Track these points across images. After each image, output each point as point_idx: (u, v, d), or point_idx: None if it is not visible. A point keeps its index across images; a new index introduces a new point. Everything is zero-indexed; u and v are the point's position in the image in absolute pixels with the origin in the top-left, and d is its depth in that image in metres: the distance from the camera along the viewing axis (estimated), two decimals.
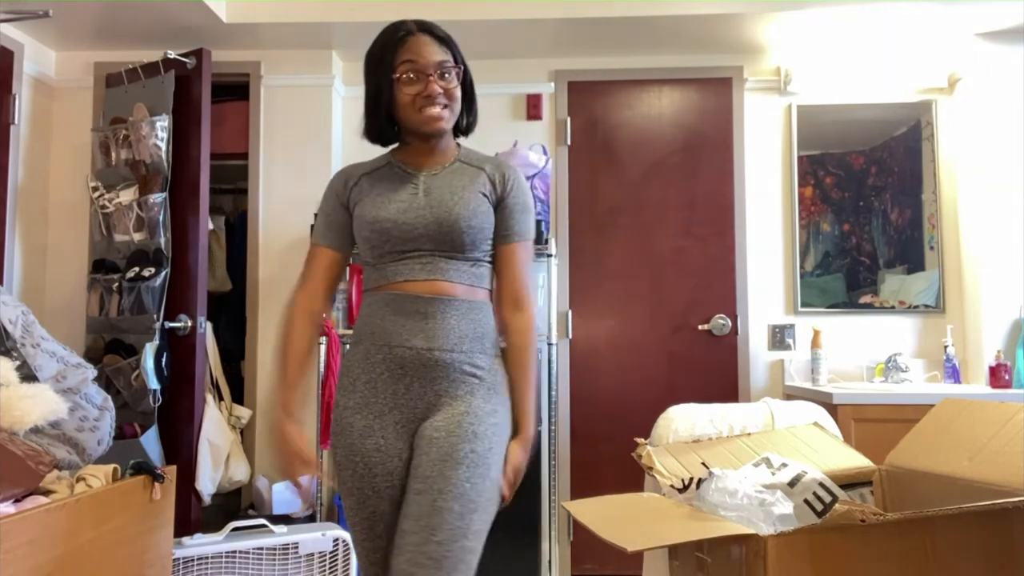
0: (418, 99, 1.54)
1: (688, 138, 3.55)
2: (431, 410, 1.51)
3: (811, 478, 1.69)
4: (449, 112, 1.57)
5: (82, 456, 2.11)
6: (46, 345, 2.25)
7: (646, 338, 3.49)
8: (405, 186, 1.59)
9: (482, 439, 1.46)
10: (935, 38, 3.32)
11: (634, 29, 3.26)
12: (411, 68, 1.54)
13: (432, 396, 1.51)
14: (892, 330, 3.42)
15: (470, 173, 1.61)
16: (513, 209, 1.61)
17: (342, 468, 1.54)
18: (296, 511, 3.13)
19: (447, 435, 1.45)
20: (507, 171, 1.63)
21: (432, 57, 1.54)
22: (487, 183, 1.60)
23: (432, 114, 1.54)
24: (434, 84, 1.53)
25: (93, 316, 3.22)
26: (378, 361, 1.53)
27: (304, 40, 3.37)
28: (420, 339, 1.50)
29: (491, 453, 1.46)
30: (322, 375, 3.12)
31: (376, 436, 1.51)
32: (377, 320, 1.55)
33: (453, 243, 1.54)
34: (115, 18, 3.15)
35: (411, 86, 1.54)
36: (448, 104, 1.56)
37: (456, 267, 1.55)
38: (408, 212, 1.54)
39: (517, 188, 1.62)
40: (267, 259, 3.45)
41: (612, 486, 1.87)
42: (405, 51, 1.54)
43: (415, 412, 1.52)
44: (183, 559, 2.41)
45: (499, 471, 1.49)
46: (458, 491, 1.40)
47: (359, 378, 1.54)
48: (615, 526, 1.44)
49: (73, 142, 3.46)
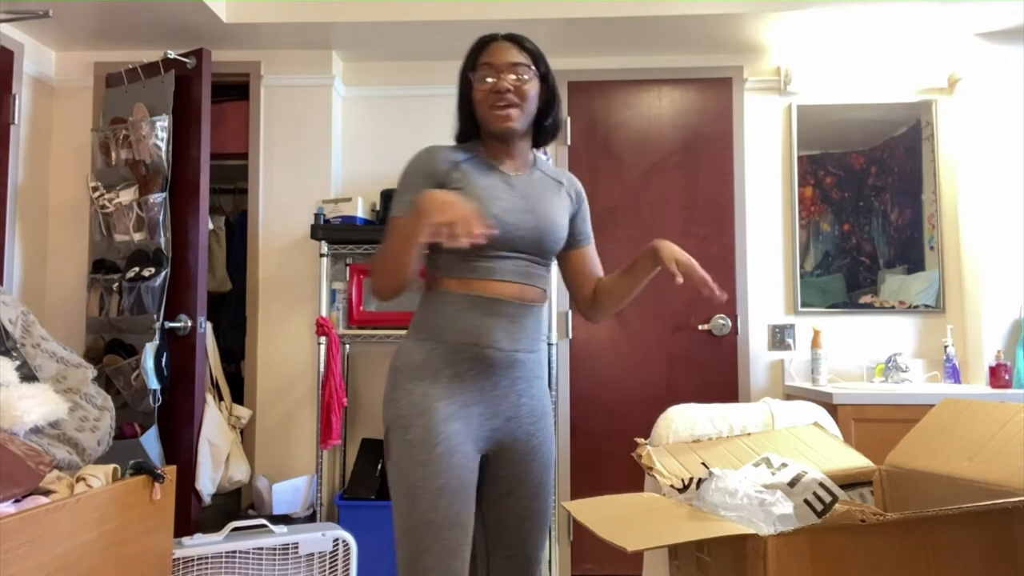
0: (490, 95, 1.61)
1: (688, 138, 3.55)
2: (513, 409, 1.64)
3: (811, 478, 1.69)
4: (519, 112, 1.63)
5: (82, 456, 2.11)
6: (46, 345, 2.25)
7: (646, 338, 3.49)
8: (500, 184, 1.65)
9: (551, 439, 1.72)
10: (935, 38, 3.32)
11: (634, 29, 3.26)
12: (487, 68, 1.63)
13: (514, 396, 1.64)
14: (892, 330, 3.42)
15: (553, 186, 1.73)
16: (585, 217, 1.82)
17: (415, 445, 1.52)
18: (296, 511, 3.13)
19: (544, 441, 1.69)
20: (578, 186, 1.82)
21: (508, 58, 1.63)
22: (567, 197, 1.76)
23: (501, 113, 1.61)
24: (504, 81, 1.60)
25: (93, 316, 3.22)
26: (465, 359, 1.58)
27: (304, 40, 3.37)
28: (506, 341, 1.60)
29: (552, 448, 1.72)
30: (322, 375, 3.12)
31: (460, 421, 1.57)
32: (464, 318, 1.59)
33: (546, 250, 1.66)
34: (115, 18, 3.15)
35: (484, 84, 1.62)
36: (519, 104, 1.62)
37: (541, 273, 1.68)
38: (511, 213, 1.60)
39: (585, 200, 1.83)
40: (267, 259, 3.45)
41: (612, 486, 1.87)
42: (487, 54, 1.64)
43: (500, 408, 1.62)
44: (183, 559, 2.41)
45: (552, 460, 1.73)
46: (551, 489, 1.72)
47: (442, 371, 1.58)
48: (615, 526, 1.44)
49: (73, 142, 3.46)
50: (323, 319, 3.15)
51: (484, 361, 1.59)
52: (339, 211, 3.28)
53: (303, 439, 3.35)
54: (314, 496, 3.19)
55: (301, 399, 3.39)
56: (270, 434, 3.38)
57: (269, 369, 3.41)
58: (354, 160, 3.54)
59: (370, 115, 3.57)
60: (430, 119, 3.53)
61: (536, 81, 1.66)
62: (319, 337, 3.14)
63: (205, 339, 3.14)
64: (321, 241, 3.27)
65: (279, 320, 3.42)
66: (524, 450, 1.64)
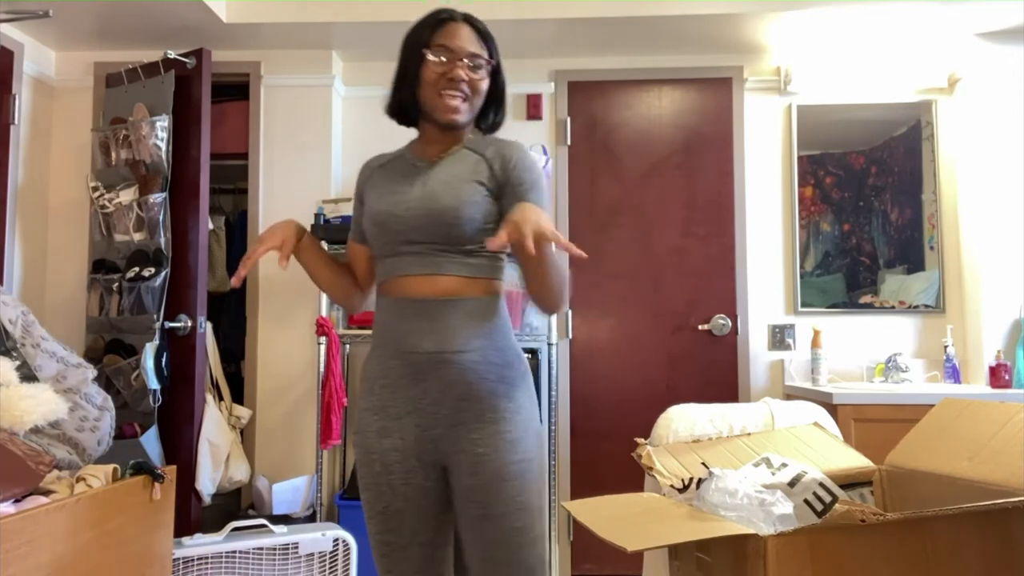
0: (442, 80, 1.52)
1: (688, 138, 3.55)
2: (455, 420, 1.47)
3: (811, 478, 1.69)
4: (468, 106, 1.55)
5: (82, 456, 2.11)
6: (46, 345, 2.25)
7: (646, 338, 3.49)
8: (409, 178, 1.56)
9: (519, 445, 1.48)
10: (935, 38, 3.32)
11: (634, 29, 3.26)
12: (443, 51, 1.53)
13: (451, 401, 1.48)
14: (892, 330, 3.42)
15: (471, 160, 1.55)
16: (518, 190, 1.51)
17: (361, 466, 1.54)
18: (296, 511, 3.13)
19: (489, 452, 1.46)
20: (509, 151, 1.55)
21: (467, 46, 1.54)
22: (486, 170, 1.53)
23: (450, 104, 1.52)
24: (461, 70, 1.52)
25: (93, 316, 3.22)
26: (394, 366, 1.51)
27: (304, 40, 3.37)
28: (429, 341, 1.48)
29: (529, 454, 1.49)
30: (322, 375, 3.12)
31: (394, 437, 1.50)
32: (388, 323, 1.53)
33: (446, 236, 1.48)
34: (115, 18, 3.15)
35: (439, 67, 1.52)
36: (469, 97, 1.55)
37: (453, 260, 1.50)
38: (401, 204, 1.51)
39: (521, 167, 1.53)
40: (267, 259, 3.44)
41: (612, 486, 1.87)
42: (443, 34, 1.54)
43: (436, 418, 1.48)
44: (183, 559, 2.41)
45: (542, 468, 1.52)
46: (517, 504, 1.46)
47: (376, 382, 1.53)
48: (615, 526, 1.44)
49: (73, 142, 3.46)
50: (323, 319, 3.15)
51: (408, 367, 1.49)
52: (339, 211, 3.28)
53: (303, 439, 3.35)
54: (314, 496, 3.19)
55: (301, 399, 3.39)
56: (270, 434, 3.38)
57: (269, 369, 3.41)
58: (354, 160, 3.54)
59: (370, 115, 3.57)
60: None
61: (488, 77, 1.59)
62: (319, 337, 3.14)
63: (205, 339, 3.14)
64: (321, 241, 3.27)
65: (279, 320, 3.42)
66: (469, 461, 1.46)
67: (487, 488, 1.44)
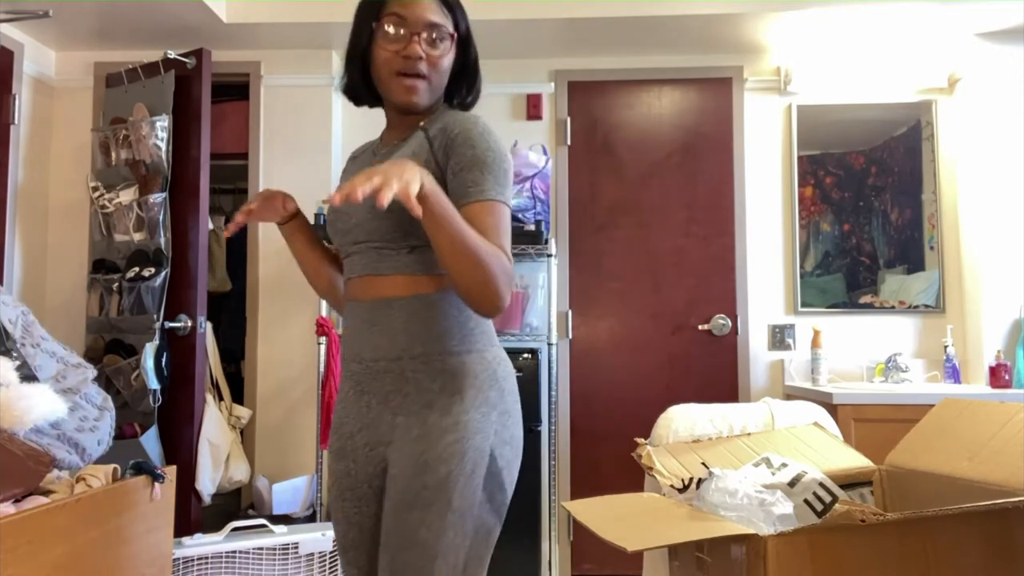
0: (396, 59, 1.31)
1: (688, 138, 3.55)
2: (392, 436, 1.30)
3: (811, 478, 1.69)
4: (427, 85, 1.33)
5: (82, 456, 2.11)
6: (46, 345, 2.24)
7: (646, 338, 3.49)
8: (364, 169, 1.36)
9: (435, 468, 1.21)
10: (935, 38, 3.32)
11: (634, 29, 3.26)
12: (397, 21, 1.31)
13: (389, 415, 1.30)
14: (892, 330, 3.42)
15: (416, 142, 1.33)
16: (459, 168, 1.26)
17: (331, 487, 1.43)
18: (296, 511, 3.13)
19: (400, 472, 1.25)
20: (452, 125, 1.30)
21: (425, 15, 1.31)
22: (427, 150, 1.31)
23: (406, 84, 1.32)
24: (416, 45, 1.30)
25: (93, 316, 3.22)
26: (346, 378, 1.38)
27: (304, 40, 3.37)
28: (368, 349, 1.32)
29: (449, 480, 1.21)
30: (322, 375, 3.12)
31: (347, 459, 1.35)
32: (344, 332, 1.39)
33: (388, 233, 1.29)
34: (115, 18, 3.15)
35: (392, 42, 1.32)
36: (428, 76, 1.33)
37: (395, 258, 1.31)
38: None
39: (463, 142, 1.27)
40: (267, 259, 3.44)
41: (612, 486, 1.87)
42: (397, 2, 1.32)
43: (379, 434, 1.31)
44: (183, 559, 2.41)
45: (468, 497, 1.23)
46: (413, 540, 1.20)
47: (339, 397, 1.41)
48: (615, 526, 1.44)
49: (73, 142, 3.46)
50: (323, 319, 3.15)
51: (354, 379, 1.35)
52: None
53: (303, 439, 3.35)
54: (314, 496, 3.19)
55: (301, 399, 3.39)
56: (270, 434, 3.38)
57: (269, 369, 3.41)
58: None
59: (370, 115, 3.55)
60: None
61: (453, 50, 1.36)
62: (319, 337, 3.14)
63: (205, 339, 3.14)
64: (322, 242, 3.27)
65: (279, 320, 3.42)
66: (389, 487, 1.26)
67: (389, 515, 1.25)
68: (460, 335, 1.31)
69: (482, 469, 1.26)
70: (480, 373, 1.30)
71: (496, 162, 1.27)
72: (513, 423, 1.33)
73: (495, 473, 1.27)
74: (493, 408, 1.29)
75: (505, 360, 1.37)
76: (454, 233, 1.15)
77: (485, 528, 1.27)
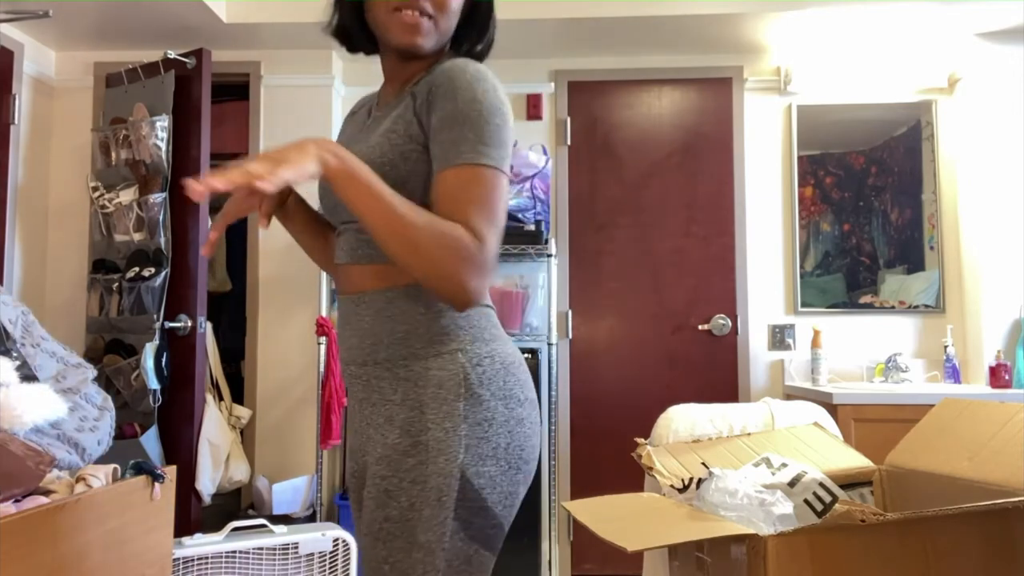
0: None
1: (688, 138, 3.55)
2: (367, 444, 1.18)
3: (811, 478, 1.69)
4: (433, 26, 1.14)
5: (82, 456, 2.11)
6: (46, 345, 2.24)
7: (646, 338, 3.49)
8: (363, 132, 1.22)
9: (396, 497, 1.08)
10: (935, 38, 3.32)
11: (634, 29, 3.26)
12: None
13: (364, 425, 1.18)
14: (892, 330, 3.42)
15: (404, 104, 1.15)
16: (438, 127, 1.07)
17: None
18: (296, 511, 3.13)
19: (367, 496, 1.13)
20: (438, 75, 1.10)
21: None
22: (410, 111, 1.11)
23: (406, 21, 1.12)
24: None
25: (93, 316, 3.22)
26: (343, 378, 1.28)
27: (304, 40, 3.37)
28: (344, 351, 1.20)
29: (412, 511, 1.07)
30: (322, 375, 3.12)
31: (352, 460, 1.25)
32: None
33: None
34: (115, 18, 3.15)
35: None
36: (434, 15, 1.14)
37: (369, 243, 1.14)
38: None
39: (443, 94, 1.07)
40: (267, 259, 3.45)
41: (612, 486, 1.87)
42: None
43: (361, 442, 1.20)
44: (183, 559, 2.41)
45: (435, 529, 1.07)
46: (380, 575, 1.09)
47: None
48: (615, 526, 1.44)
49: (73, 142, 3.46)
50: (323, 319, 3.15)
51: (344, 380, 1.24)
52: None
53: (303, 439, 3.35)
54: (314, 496, 3.19)
55: (301, 399, 3.39)
56: (270, 434, 3.38)
57: (269, 369, 3.41)
58: None
59: None
60: None
61: None
62: (319, 337, 3.15)
63: (205, 339, 3.14)
64: None
65: (279, 320, 3.42)
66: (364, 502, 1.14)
67: (359, 541, 1.14)
68: (428, 335, 1.12)
69: (451, 495, 1.07)
70: (446, 381, 1.11)
71: (482, 116, 1.06)
72: (498, 432, 1.12)
73: (470, 497, 1.08)
74: (462, 420, 1.09)
75: (491, 358, 1.14)
76: (379, 216, 0.99)
77: (463, 557, 1.09)
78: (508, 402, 1.13)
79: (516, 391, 1.15)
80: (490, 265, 1.04)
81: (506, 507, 1.13)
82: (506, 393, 1.14)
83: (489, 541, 1.13)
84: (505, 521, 1.14)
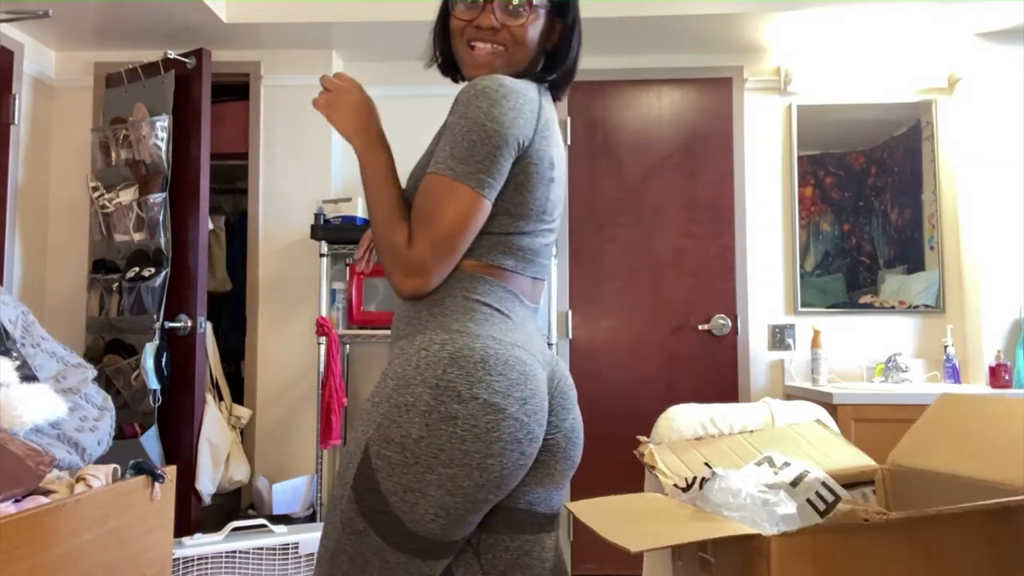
0: (468, 29, 1.23)
1: (688, 138, 3.55)
2: None
3: (813, 477, 1.69)
4: (506, 59, 1.24)
5: (82, 456, 2.11)
6: (46, 345, 2.24)
7: (646, 338, 3.49)
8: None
9: (338, 479, 1.19)
10: (935, 38, 3.32)
11: (634, 29, 3.26)
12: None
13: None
14: (892, 330, 3.42)
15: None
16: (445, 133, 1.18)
17: None
18: (296, 511, 3.13)
19: None
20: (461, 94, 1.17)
21: None
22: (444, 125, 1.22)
23: (479, 59, 1.23)
24: (490, 15, 1.21)
25: (93, 316, 3.22)
26: None
27: (304, 40, 3.36)
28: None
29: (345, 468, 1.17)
30: (322, 375, 3.12)
31: None
32: None
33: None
34: (115, 18, 3.14)
35: (465, 11, 1.24)
36: (505, 47, 1.23)
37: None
38: None
39: (452, 109, 1.17)
40: (267, 259, 3.44)
41: (613, 486, 1.86)
42: None
43: None
44: (183, 559, 2.40)
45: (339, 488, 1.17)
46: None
47: None
48: (617, 526, 1.44)
49: (73, 142, 3.46)
50: (323, 319, 3.14)
51: None
52: (339, 211, 3.27)
53: (303, 439, 3.35)
54: (314, 496, 3.18)
55: (301, 399, 3.38)
56: (270, 434, 3.38)
57: (269, 369, 3.41)
58: (354, 160, 3.52)
59: None
60: (430, 119, 3.52)
61: (541, 20, 1.25)
62: (319, 337, 3.14)
63: (205, 339, 3.14)
64: (321, 241, 3.27)
65: (279, 320, 3.41)
66: None
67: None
68: (407, 319, 1.21)
69: (354, 464, 1.13)
70: (394, 360, 1.17)
71: (465, 132, 1.12)
72: (412, 420, 1.09)
73: (365, 474, 1.11)
74: (385, 400, 1.12)
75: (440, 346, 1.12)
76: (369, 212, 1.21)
77: (352, 528, 1.13)
78: (440, 393, 1.09)
79: (458, 385, 1.09)
80: (416, 265, 1.14)
81: (406, 503, 1.09)
82: (441, 384, 1.09)
83: (381, 527, 1.10)
84: (404, 517, 1.09)
